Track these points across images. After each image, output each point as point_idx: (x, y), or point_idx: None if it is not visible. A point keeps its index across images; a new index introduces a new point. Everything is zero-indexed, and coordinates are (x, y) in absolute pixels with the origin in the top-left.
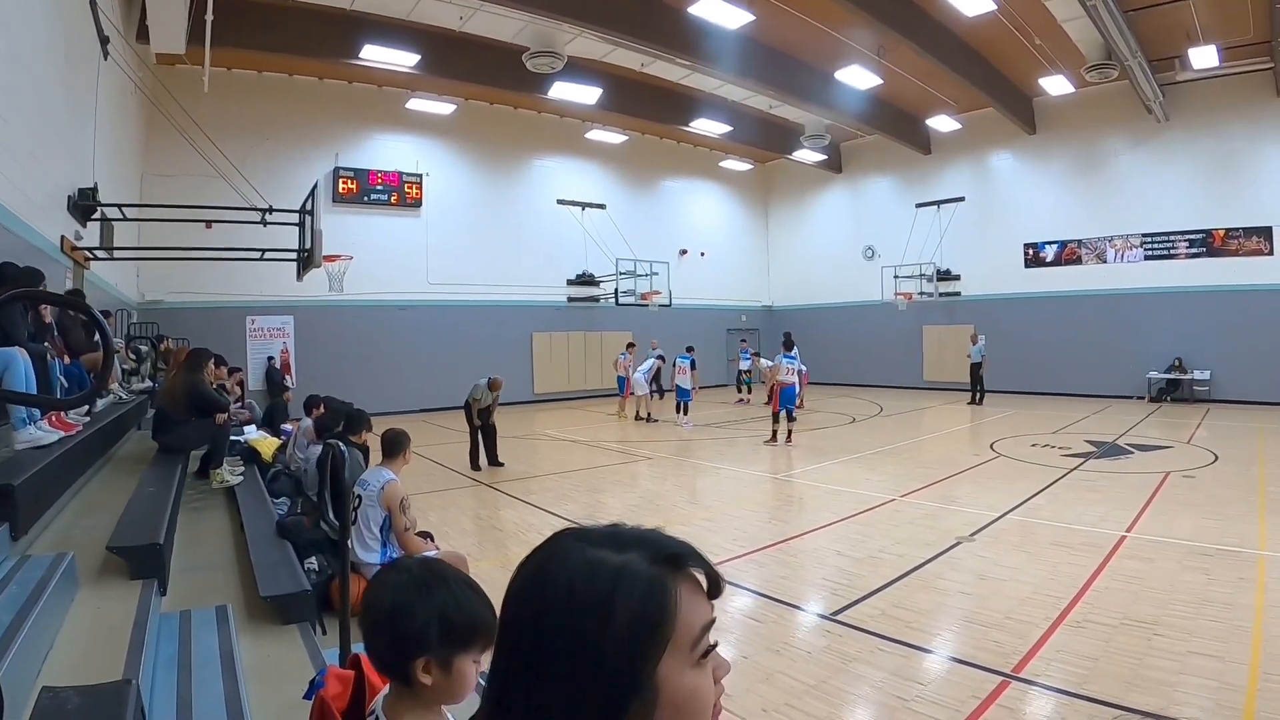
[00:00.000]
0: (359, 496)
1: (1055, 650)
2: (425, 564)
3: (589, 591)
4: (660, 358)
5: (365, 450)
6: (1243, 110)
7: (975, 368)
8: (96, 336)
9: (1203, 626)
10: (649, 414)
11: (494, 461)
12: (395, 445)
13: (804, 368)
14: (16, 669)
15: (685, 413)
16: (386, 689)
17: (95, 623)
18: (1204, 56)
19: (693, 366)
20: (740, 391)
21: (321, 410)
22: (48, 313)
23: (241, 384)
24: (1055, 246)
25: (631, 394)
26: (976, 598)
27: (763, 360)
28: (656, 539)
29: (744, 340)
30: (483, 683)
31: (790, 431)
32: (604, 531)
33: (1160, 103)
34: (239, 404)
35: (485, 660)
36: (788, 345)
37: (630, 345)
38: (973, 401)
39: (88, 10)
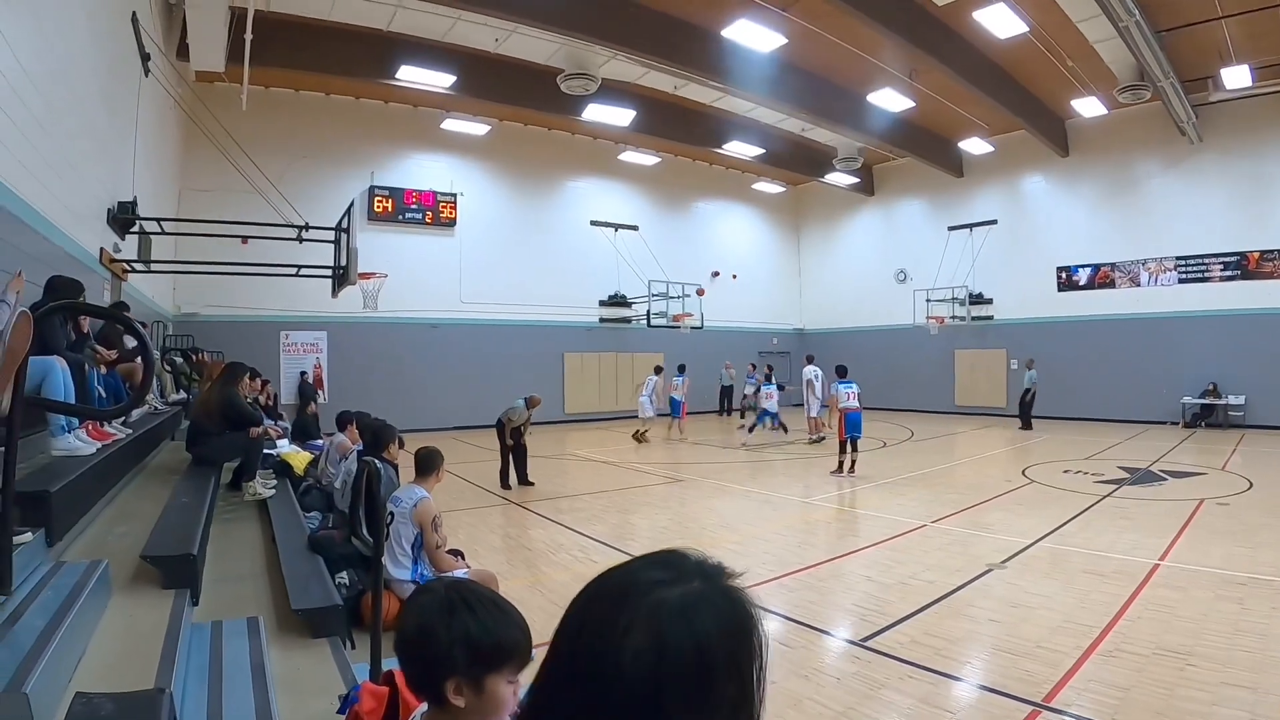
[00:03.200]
0: (391, 513)
1: (1086, 680)
2: (453, 586)
3: (746, 627)
4: (658, 368)
5: (395, 467)
6: (1277, 130)
7: (1025, 394)
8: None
9: (1236, 657)
10: (644, 432)
11: (524, 480)
12: (429, 464)
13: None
14: (50, 673)
15: (751, 430)
16: (423, 707)
17: (128, 630)
18: (1237, 77)
19: (780, 389)
20: (743, 417)
21: (354, 427)
22: (86, 322)
23: (274, 397)
24: (1088, 270)
25: (686, 415)
26: (1007, 625)
27: (765, 386)
28: (699, 562)
29: (752, 365)
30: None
31: (854, 461)
32: (673, 563)
33: (1193, 124)
34: (275, 421)
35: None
36: (841, 373)
37: (681, 368)
38: (1025, 427)
39: (130, 28)
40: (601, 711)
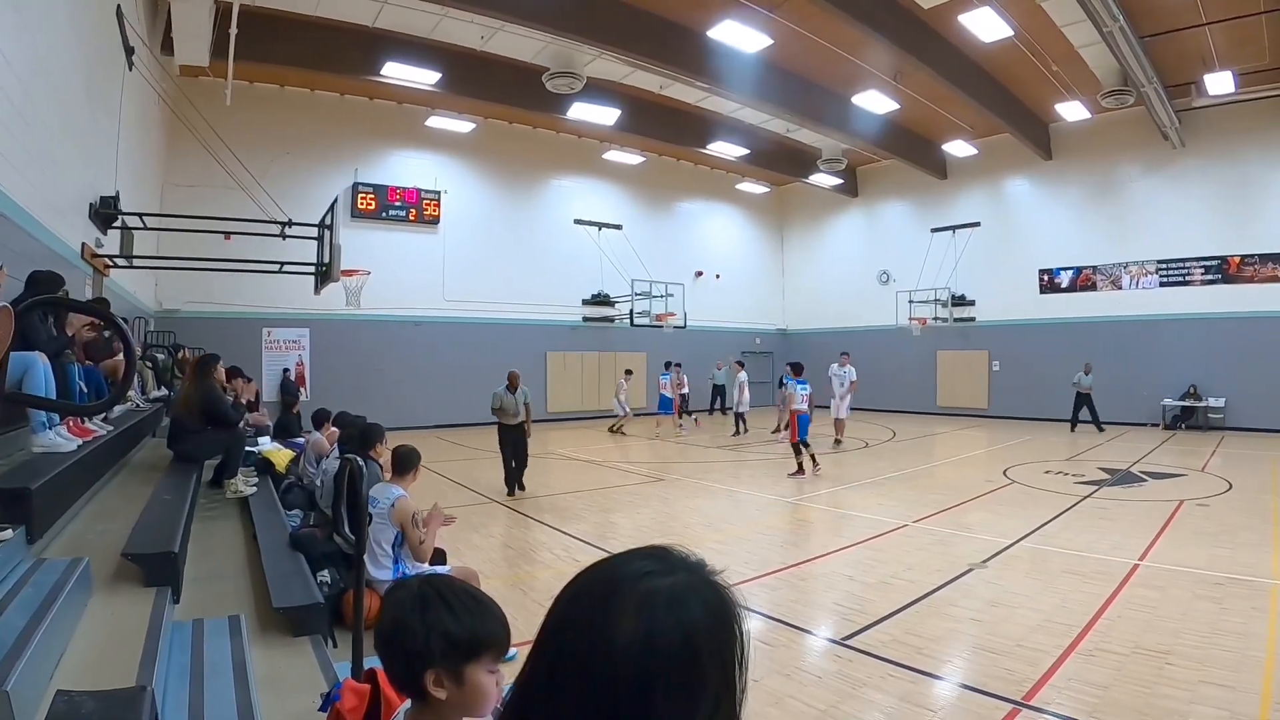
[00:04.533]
0: (369, 514)
1: (1066, 678)
2: (427, 581)
3: (731, 618)
4: (628, 372)
5: (380, 465)
6: (1259, 136)
7: (1084, 397)
8: (114, 340)
9: (1215, 656)
10: (622, 428)
11: (516, 485)
12: (407, 462)
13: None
14: (31, 671)
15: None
16: (406, 704)
17: (109, 628)
18: (1220, 82)
19: (781, 385)
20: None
21: (330, 426)
22: (75, 321)
23: (257, 394)
24: (1070, 272)
25: (681, 411)
26: (988, 625)
27: (744, 375)
28: (684, 557)
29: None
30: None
31: (813, 457)
32: (665, 558)
33: (1176, 129)
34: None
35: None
36: (797, 371)
37: (668, 364)
38: (1074, 429)
39: (114, 20)
40: (591, 700)
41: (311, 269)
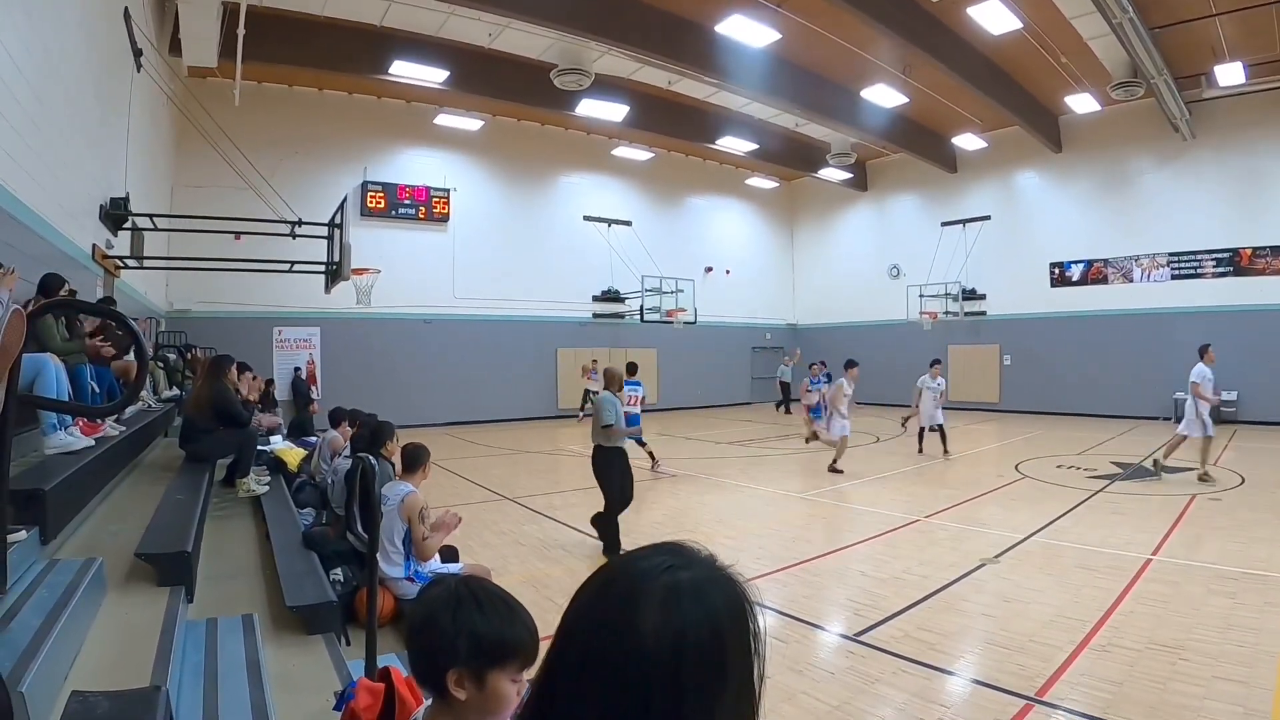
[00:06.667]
0: (380, 511)
1: (1079, 674)
2: (464, 581)
3: (749, 608)
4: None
5: (392, 464)
6: (1269, 127)
7: None
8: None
9: (1228, 651)
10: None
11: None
12: (415, 459)
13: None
14: (46, 672)
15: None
16: (427, 704)
17: (123, 628)
18: (1230, 74)
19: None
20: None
21: (346, 425)
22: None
23: (269, 390)
24: (1081, 266)
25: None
26: (1000, 620)
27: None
28: (697, 550)
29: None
30: None
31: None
32: (679, 554)
33: (1186, 120)
34: (268, 411)
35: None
36: (631, 371)
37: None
38: None
39: (122, 22)
40: (622, 697)
41: (322, 268)
